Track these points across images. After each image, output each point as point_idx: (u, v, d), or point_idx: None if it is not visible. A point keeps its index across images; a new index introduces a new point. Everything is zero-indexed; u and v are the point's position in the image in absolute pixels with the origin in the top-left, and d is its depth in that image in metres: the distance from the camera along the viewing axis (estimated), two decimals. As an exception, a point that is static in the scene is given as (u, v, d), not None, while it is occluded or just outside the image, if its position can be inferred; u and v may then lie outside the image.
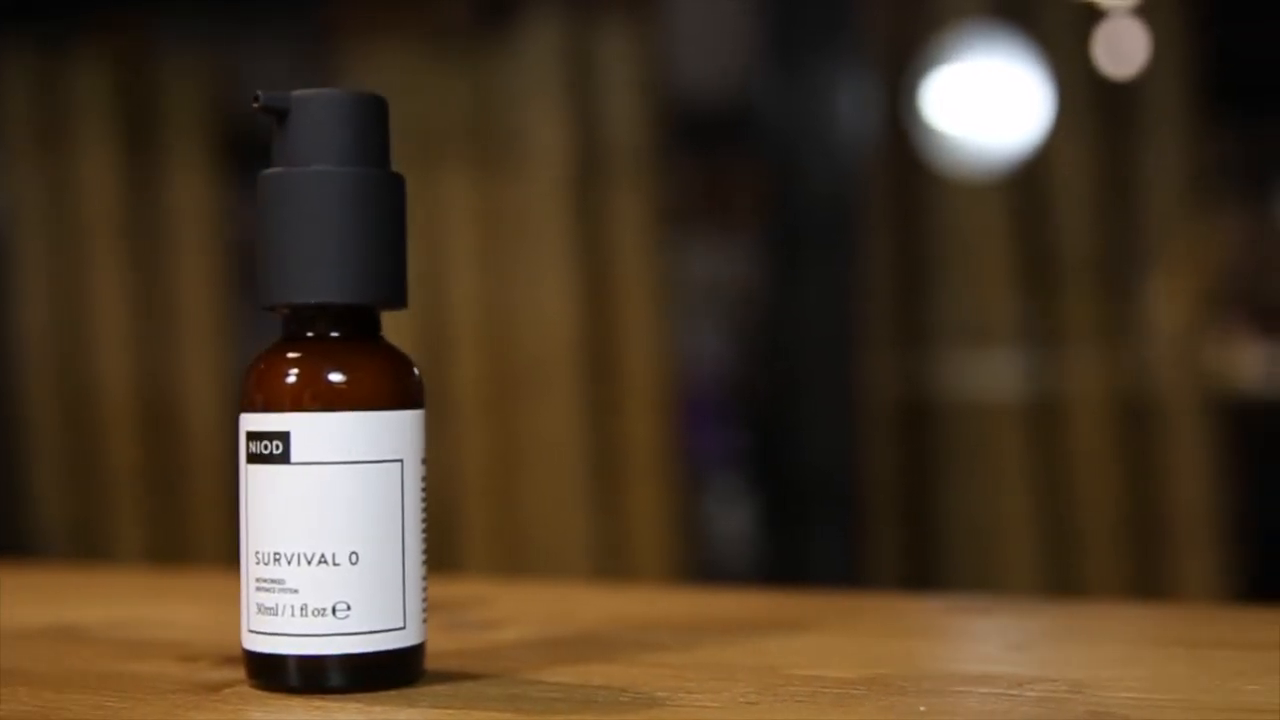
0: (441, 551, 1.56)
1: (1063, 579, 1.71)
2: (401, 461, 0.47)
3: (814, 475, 1.74)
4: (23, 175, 2.08)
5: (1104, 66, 1.76)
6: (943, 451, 1.77)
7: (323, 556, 0.46)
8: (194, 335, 2.03)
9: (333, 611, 0.46)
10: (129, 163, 2.05)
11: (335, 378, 0.47)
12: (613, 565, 1.83)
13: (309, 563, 0.46)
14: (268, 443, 0.47)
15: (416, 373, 0.49)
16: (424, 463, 0.48)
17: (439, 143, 1.87)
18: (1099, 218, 1.74)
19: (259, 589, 0.47)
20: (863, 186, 1.77)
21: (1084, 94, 1.75)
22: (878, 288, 1.77)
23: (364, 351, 0.48)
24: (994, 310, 1.76)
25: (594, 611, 0.67)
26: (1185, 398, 1.70)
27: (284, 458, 0.46)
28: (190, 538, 2.00)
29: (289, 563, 0.46)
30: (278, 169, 0.48)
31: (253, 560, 0.47)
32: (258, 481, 0.47)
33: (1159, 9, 1.74)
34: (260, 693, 0.47)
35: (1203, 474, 1.70)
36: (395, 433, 0.47)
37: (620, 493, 1.85)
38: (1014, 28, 1.77)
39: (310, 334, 0.48)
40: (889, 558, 1.77)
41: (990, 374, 1.77)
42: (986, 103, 1.79)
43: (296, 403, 0.47)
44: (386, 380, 0.48)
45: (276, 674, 0.47)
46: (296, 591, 0.46)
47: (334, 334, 0.48)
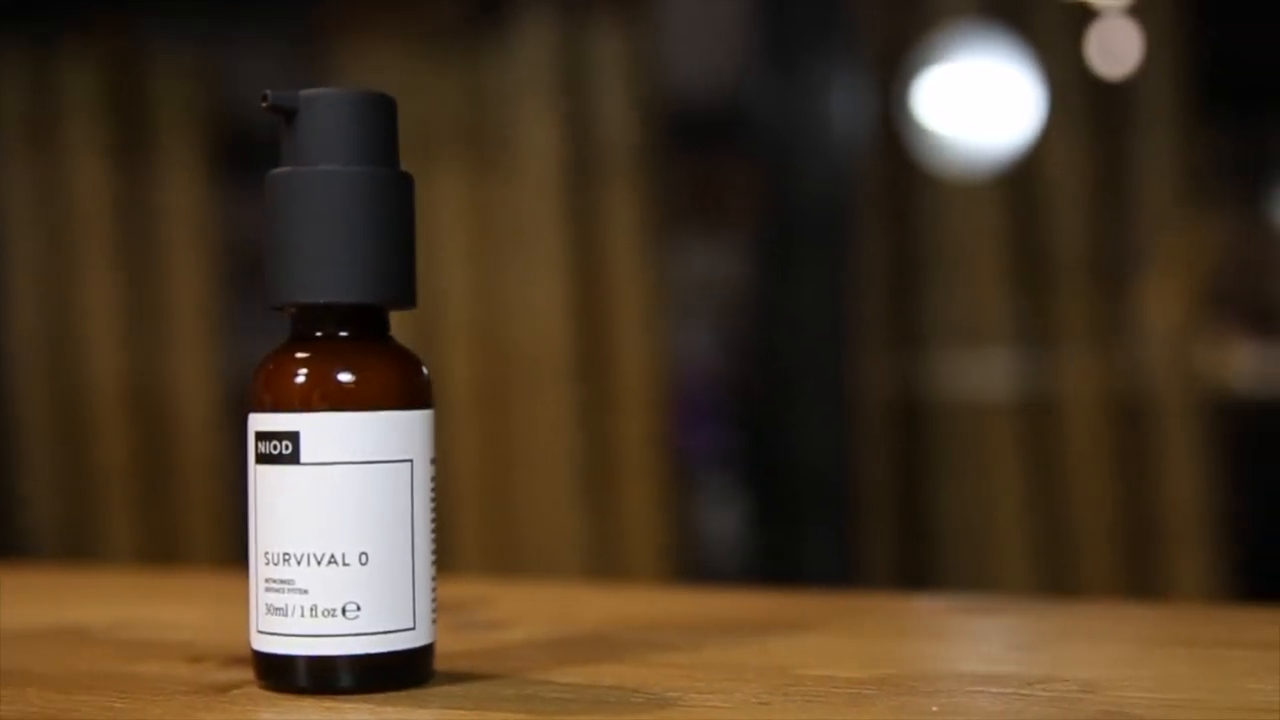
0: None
1: (1056, 578, 1.71)
2: (411, 461, 0.47)
3: (807, 475, 1.74)
4: (13, 175, 2.07)
5: (1097, 66, 1.76)
6: (936, 451, 1.78)
7: (332, 557, 0.46)
8: (185, 334, 2.02)
9: (342, 612, 0.46)
10: (120, 162, 2.04)
11: (344, 378, 0.47)
12: (605, 564, 1.82)
13: (319, 563, 0.46)
14: (277, 443, 0.46)
15: (425, 372, 0.49)
16: (433, 462, 0.48)
17: (431, 142, 1.87)
18: (1092, 217, 1.74)
19: (268, 589, 0.47)
20: (856, 186, 1.77)
21: (1077, 94, 1.75)
22: (871, 287, 1.78)
23: (373, 351, 0.48)
24: (987, 310, 1.76)
25: (597, 611, 0.67)
26: (1178, 397, 1.71)
27: (293, 458, 0.46)
28: (181, 537, 1.99)
29: (298, 563, 0.46)
30: (285, 168, 0.48)
31: (262, 560, 0.47)
32: (267, 482, 0.47)
33: (1152, 9, 1.75)
34: (270, 694, 0.47)
35: (1195, 474, 1.70)
36: (404, 433, 0.47)
37: (613, 492, 1.85)
38: (1007, 28, 1.77)
39: (319, 334, 0.48)
40: (882, 557, 1.77)
41: (984, 374, 1.77)
42: (980, 102, 1.80)
43: (305, 403, 0.47)
44: (396, 380, 0.47)
45: (286, 675, 0.47)
46: (306, 592, 0.46)
47: (342, 334, 0.48)
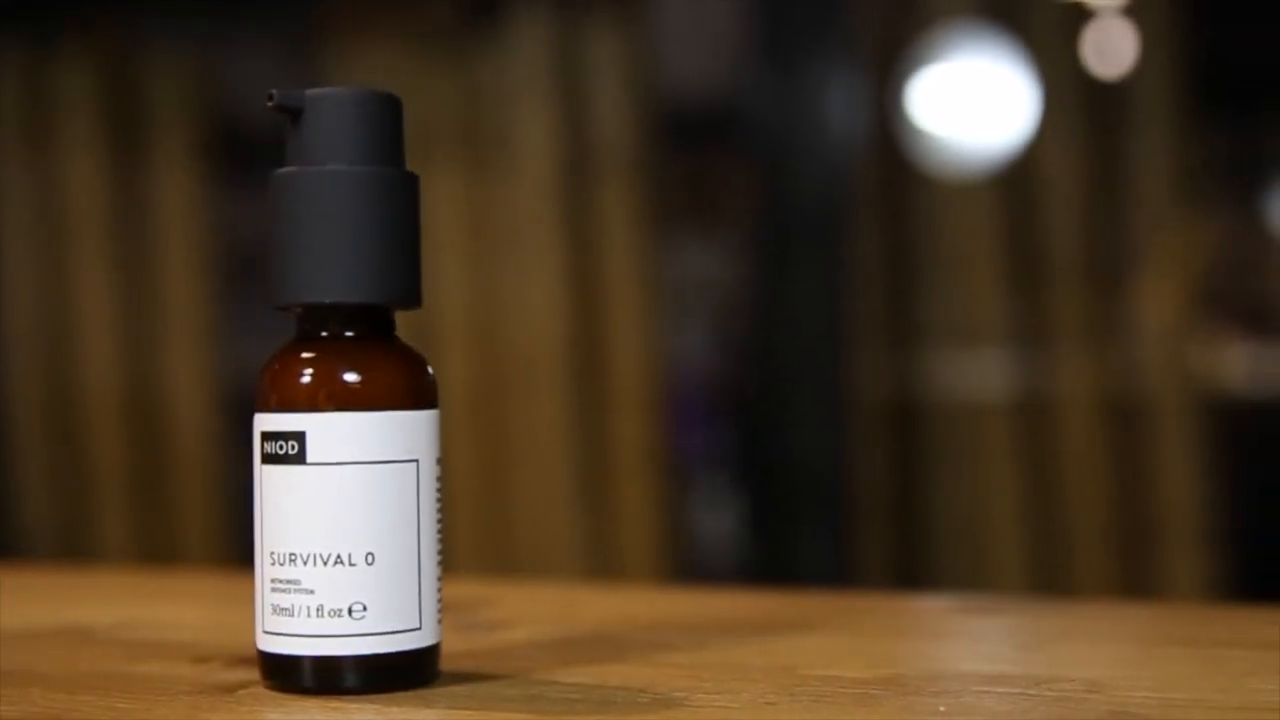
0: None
1: (1051, 578, 1.72)
2: (417, 461, 0.47)
3: (802, 474, 1.74)
4: (10, 174, 2.07)
5: (1092, 66, 1.77)
6: (931, 451, 1.78)
7: (339, 557, 0.46)
8: (180, 334, 2.02)
9: (349, 612, 0.46)
10: (115, 161, 2.04)
11: (350, 378, 0.47)
12: (601, 564, 1.82)
13: (325, 563, 0.46)
14: (283, 443, 0.46)
15: (431, 372, 0.49)
16: (439, 462, 0.48)
17: (427, 142, 1.87)
18: (1087, 217, 1.74)
19: (274, 589, 0.46)
20: (852, 186, 1.77)
21: (1072, 94, 1.76)
22: (867, 287, 1.78)
23: (379, 351, 0.48)
24: (982, 310, 1.76)
25: (598, 611, 0.67)
26: (1173, 397, 1.71)
27: (299, 458, 0.46)
28: (177, 537, 1.99)
29: (305, 563, 0.46)
30: (291, 168, 0.48)
31: (268, 561, 0.47)
32: (273, 482, 0.47)
33: (1147, 9, 1.75)
34: (276, 694, 0.47)
35: (1190, 473, 1.70)
36: (410, 433, 0.47)
37: (608, 491, 1.85)
38: (1002, 28, 1.77)
39: (324, 334, 0.48)
40: (878, 557, 1.77)
41: (979, 373, 1.77)
42: (975, 102, 1.80)
43: (311, 403, 0.46)
44: (401, 380, 0.47)
45: (292, 675, 0.47)
46: (312, 592, 0.46)
47: (348, 334, 0.48)
